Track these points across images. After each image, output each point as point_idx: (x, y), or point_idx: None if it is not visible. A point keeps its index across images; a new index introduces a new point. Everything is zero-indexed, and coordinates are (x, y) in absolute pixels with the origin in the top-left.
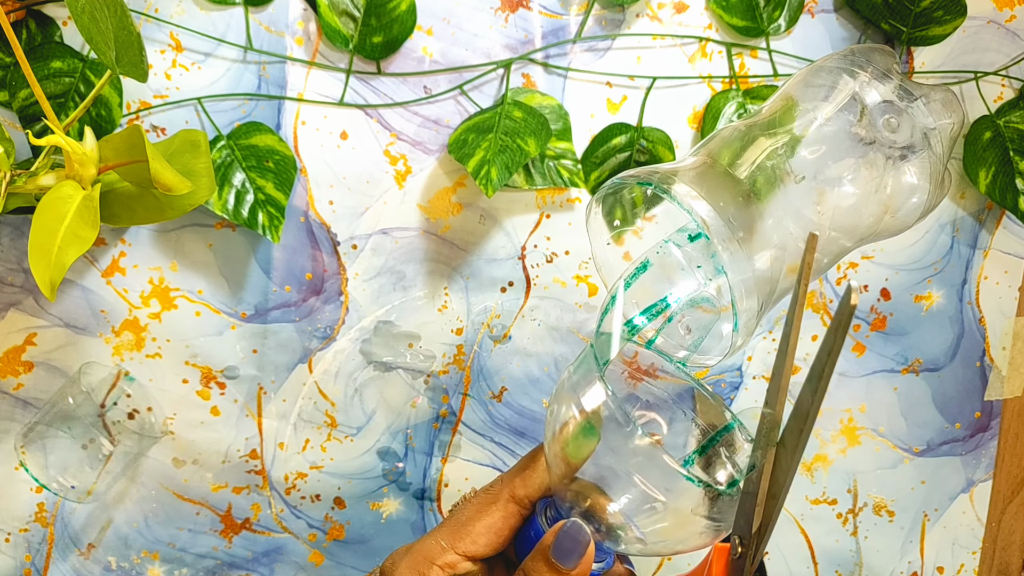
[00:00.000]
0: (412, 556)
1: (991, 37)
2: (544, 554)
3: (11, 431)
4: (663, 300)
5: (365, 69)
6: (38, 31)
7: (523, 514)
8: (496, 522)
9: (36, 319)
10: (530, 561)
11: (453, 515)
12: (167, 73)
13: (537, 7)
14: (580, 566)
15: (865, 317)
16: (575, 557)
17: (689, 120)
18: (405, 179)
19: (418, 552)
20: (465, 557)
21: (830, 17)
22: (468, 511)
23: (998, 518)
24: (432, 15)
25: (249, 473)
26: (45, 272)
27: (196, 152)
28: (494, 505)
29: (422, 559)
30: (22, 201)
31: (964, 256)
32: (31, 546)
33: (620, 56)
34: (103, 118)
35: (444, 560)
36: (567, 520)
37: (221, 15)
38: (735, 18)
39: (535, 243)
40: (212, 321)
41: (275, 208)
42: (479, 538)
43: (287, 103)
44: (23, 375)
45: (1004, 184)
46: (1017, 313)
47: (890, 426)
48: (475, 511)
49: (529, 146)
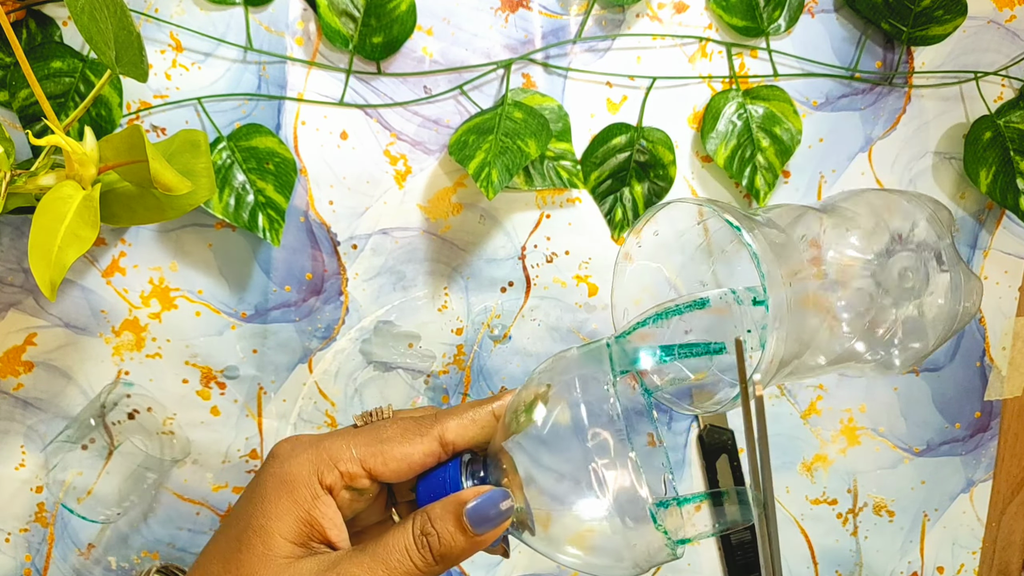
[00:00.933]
0: (316, 452)
1: (991, 37)
2: (457, 510)
3: (11, 431)
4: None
5: (365, 69)
6: (38, 31)
7: (442, 458)
8: (414, 455)
9: (36, 319)
10: (439, 510)
11: (374, 429)
12: (167, 73)
13: (537, 7)
14: (486, 536)
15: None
16: (489, 526)
17: (689, 120)
18: (405, 179)
19: (324, 450)
20: (368, 475)
21: (830, 17)
22: (390, 431)
23: (998, 518)
24: (432, 15)
25: (249, 473)
26: (45, 272)
27: (196, 152)
28: (419, 438)
29: (327, 458)
30: (22, 201)
31: (964, 256)
32: (31, 546)
33: (620, 56)
34: (103, 118)
35: (347, 468)
36: (496, 487)
37: (221, 15)
38: (735, 18)
39: (535, 243)
40: (212, 321)
41: (275, 211)
42: (391, 463)
43: (287, 103)
44: (23, 375)
45: (1005, 184)
46: (1017, 313)
47: (890, 426)
48: (398, 435)
49: (530, 147)
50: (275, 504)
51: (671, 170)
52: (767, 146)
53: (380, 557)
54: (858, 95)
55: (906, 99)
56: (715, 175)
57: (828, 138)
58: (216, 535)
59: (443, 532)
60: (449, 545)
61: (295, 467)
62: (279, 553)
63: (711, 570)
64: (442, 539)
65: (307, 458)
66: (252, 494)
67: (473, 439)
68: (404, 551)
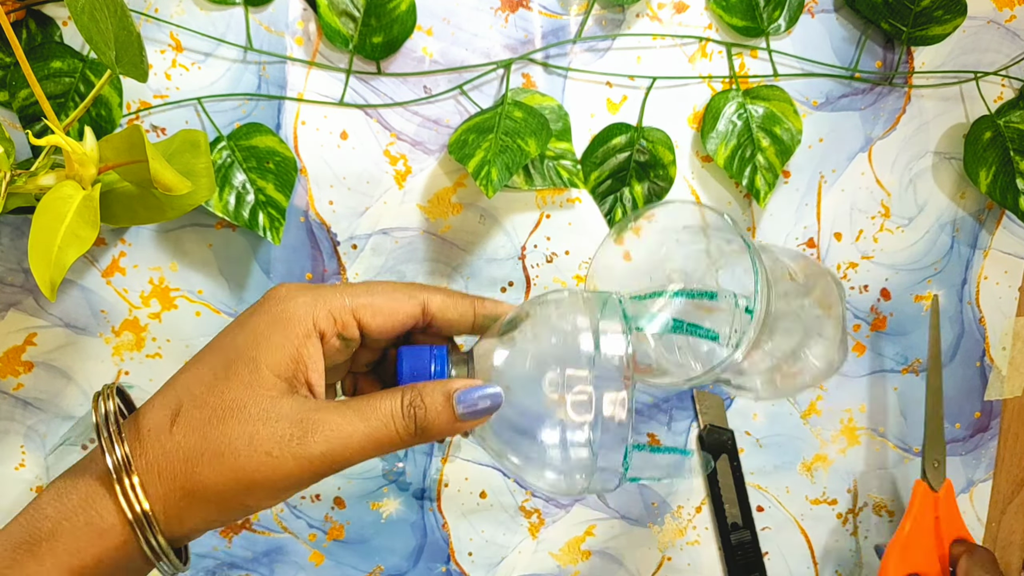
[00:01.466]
0: (314, 296)
1: (991, 37)
2: (448, 391)
3: (11, 431)
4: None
5: (365, 69)
6: (38, 31)
7: (419, 324)
8: (399, 314)
9: (36, 319)
10: (430, 388)
11: (365, 283)
12: (167, 73)
13: (537, 7)
14: (468, 424)
15: (865, 317)
16: (475, 416)
17: (689, 120)
18: (405, 179)
19: (321, 296)
20: (357, 324)
21: (830, 17)
22: (381, 287)
23: (998, 518)
24: (432, 15)
25: None
26: (45, 272)
27: (196, 152)
28: (406, 299)
29: (323, 303)
30: (22, 201)
31: (964, 256)
32: None
33: (620, 56)
34: (103, 118)
35: (342, 317)
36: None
37: (221, 15)
38: (735, 18)
39: (535, 243)
40: (212, 321)
41: (276, 210)
42: (378, 316)
43: (287, 103)
44: (23, 375)
45: (1005, 184)
46: (1017, 313)
47: (890, 426)
48: (388, 291)
49: (529, 146)
50: (268, 338)
51: (671, 170)
52: (767, 146)
53: (363, 414)
54: (858, 95)
55: (906, 99)
56: (715, 175)
57: (828, 138)
58: (199, 361)
59: (431, 407)
60: (434, 421)
61: (292, 307)
62: (265, 384)
63: (711, 570)
64: (428, 413)
65: (304, 301)
66: (244, 327)
67: (449, 320)
68: (389, 415)
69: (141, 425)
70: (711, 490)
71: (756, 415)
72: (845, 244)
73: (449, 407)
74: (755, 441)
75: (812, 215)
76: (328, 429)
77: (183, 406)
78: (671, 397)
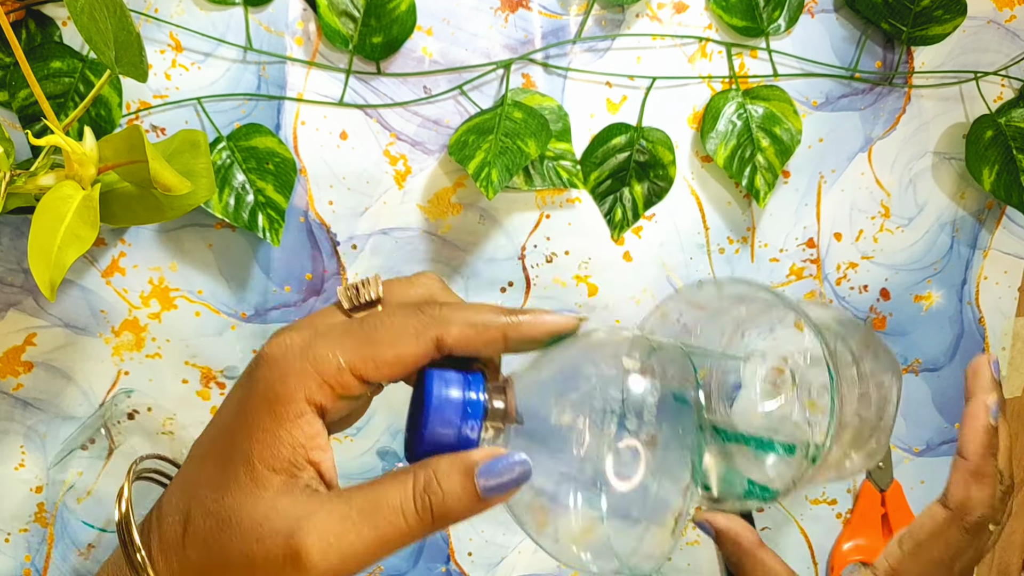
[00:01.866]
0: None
1: (991, 37)
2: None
3: (11, 431)
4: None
5: (365, 69)
6: (38, 31)
7: (435, 358)
8: (408, 358)
9: (36, 319)
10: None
11: (364, 329)
12: (167, 73)
13: (537, 7)
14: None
15: (865, 317)
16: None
17: (689, 120)
18: (405, 179)
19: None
20: (361, 380)
21: (830, 17)
22: (382, 333)
23: None
24: (432, 15)
25: None
26: (45, 272)
27: (196, 152)
28: (415, 340)
29: (313, 370)
30: (22, 201)
31: (964, 256)
32: (31, 546)
33: (620, 56)
34: (103, 118)
35: (337, 381)
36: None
37: (221, 15)
38: (735, 18)
39: (535, 243)
40: (212, 321)
41: (275, 211)
42: (384, 368)
43: (287, 103)
44: (23, 375)
45: (1008, 182)
46: (1017, 313)
47: None
48: (392, 335)
49: (529, 147)
50: (259, 426)
51: (671, 170)
52: (767, 146)
53: (367, 514)
54: (858, 95)
55: (906, 99)
56: (715, 175)
57: (828, 138)
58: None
59: (450, 491)
60: (454, 507)
61: (281, 386)
62: (261, 484)
63: (711, 570)
64: (447, 499)
65: (294, 372)
66: (238, 411)
67: (474, 351)
68: (399, 512)
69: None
70: None
71: None
72: (845, 244)
73: (471, 486)
74: None
75: (812, 215)
76: (326, 543)
77: (191, 515)
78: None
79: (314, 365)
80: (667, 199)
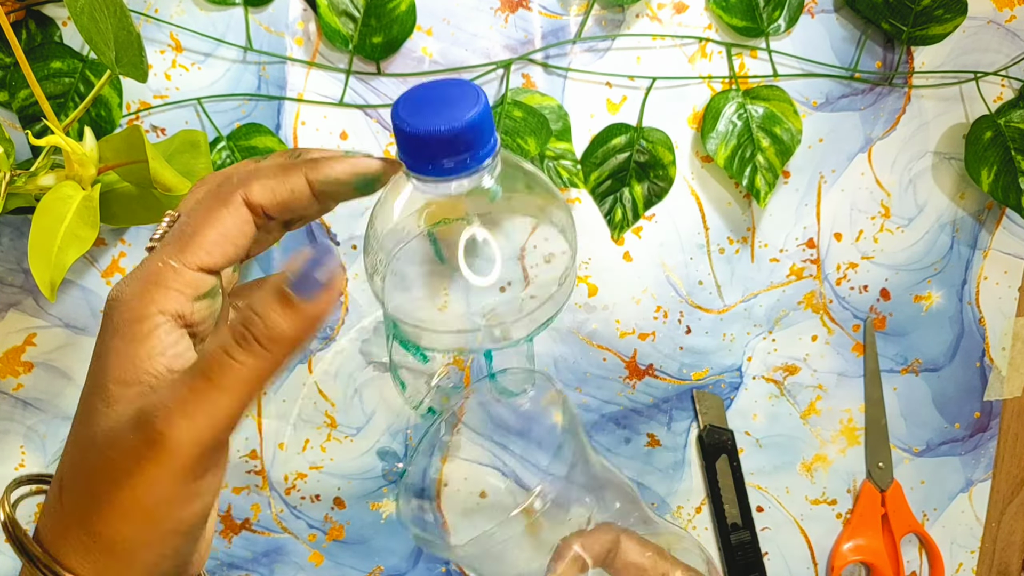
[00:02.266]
0: (141, 285)
1: (991, 37)
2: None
3: (11, 431)
4: None
5: (365, 69)
6: (38, 31)
7: (259, 223)
8: (230, 229)
9: (36, 319)
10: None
11: (179, 227)
12: (167, 73)
13: (537, 7)
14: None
15: (865, 317)
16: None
17: (689, 120)
18: None
19: (146, 280)
20: (203, 271)
21: (830, 17)
22: (194, 221)
23: (998, 518)
24: (432, 15)
25: (249, 473)
26: (45, 272)
27: (196, 152)
28: (224, 209)
29: (152, 287)
30: (22, 201)
31: (964, 256)
32: None
33: (620, 56)
34: (103, 118)
35: (180, 282)
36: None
37: (221, 15)
38: (735, 18)
39: (534, 243)
40: None
41: None
42: (214, 249)
43: (287, 103)
44: (23, 375)
45: (1007, 183)
46: (1017, 313)
47: (890, 426)
48: (202, 219)
49: (529, 145)
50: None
51: (671, 170)
52: (767, 146)
53: (202, 371)
54: (858, 95)
55: (906, 99)
56: (715, 175)
57: (828, 138)
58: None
59: (264, 312)
60: (277, 324)
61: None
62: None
63: None
64: (267, 320)
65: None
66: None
67: (285, 202)
68: (224, 354)
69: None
70: (711, 490)
71: (756, 415)
72: (845, 244)
73: (285, 297)
74: (755, 441)
75: (812, 215)
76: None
77: (61, 469)
78: (671, 397)
79: (152, 281)
80: (667, 199)
